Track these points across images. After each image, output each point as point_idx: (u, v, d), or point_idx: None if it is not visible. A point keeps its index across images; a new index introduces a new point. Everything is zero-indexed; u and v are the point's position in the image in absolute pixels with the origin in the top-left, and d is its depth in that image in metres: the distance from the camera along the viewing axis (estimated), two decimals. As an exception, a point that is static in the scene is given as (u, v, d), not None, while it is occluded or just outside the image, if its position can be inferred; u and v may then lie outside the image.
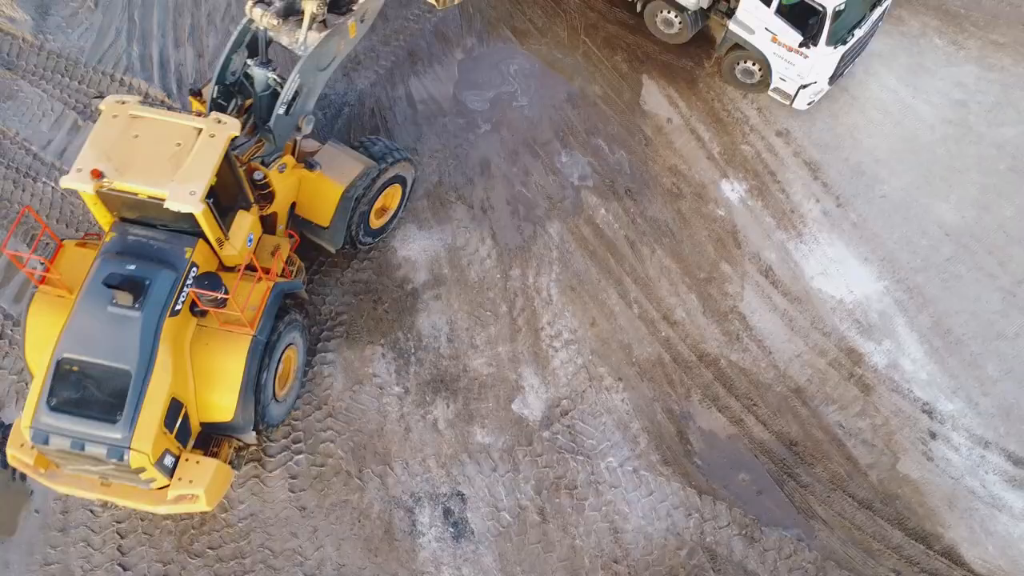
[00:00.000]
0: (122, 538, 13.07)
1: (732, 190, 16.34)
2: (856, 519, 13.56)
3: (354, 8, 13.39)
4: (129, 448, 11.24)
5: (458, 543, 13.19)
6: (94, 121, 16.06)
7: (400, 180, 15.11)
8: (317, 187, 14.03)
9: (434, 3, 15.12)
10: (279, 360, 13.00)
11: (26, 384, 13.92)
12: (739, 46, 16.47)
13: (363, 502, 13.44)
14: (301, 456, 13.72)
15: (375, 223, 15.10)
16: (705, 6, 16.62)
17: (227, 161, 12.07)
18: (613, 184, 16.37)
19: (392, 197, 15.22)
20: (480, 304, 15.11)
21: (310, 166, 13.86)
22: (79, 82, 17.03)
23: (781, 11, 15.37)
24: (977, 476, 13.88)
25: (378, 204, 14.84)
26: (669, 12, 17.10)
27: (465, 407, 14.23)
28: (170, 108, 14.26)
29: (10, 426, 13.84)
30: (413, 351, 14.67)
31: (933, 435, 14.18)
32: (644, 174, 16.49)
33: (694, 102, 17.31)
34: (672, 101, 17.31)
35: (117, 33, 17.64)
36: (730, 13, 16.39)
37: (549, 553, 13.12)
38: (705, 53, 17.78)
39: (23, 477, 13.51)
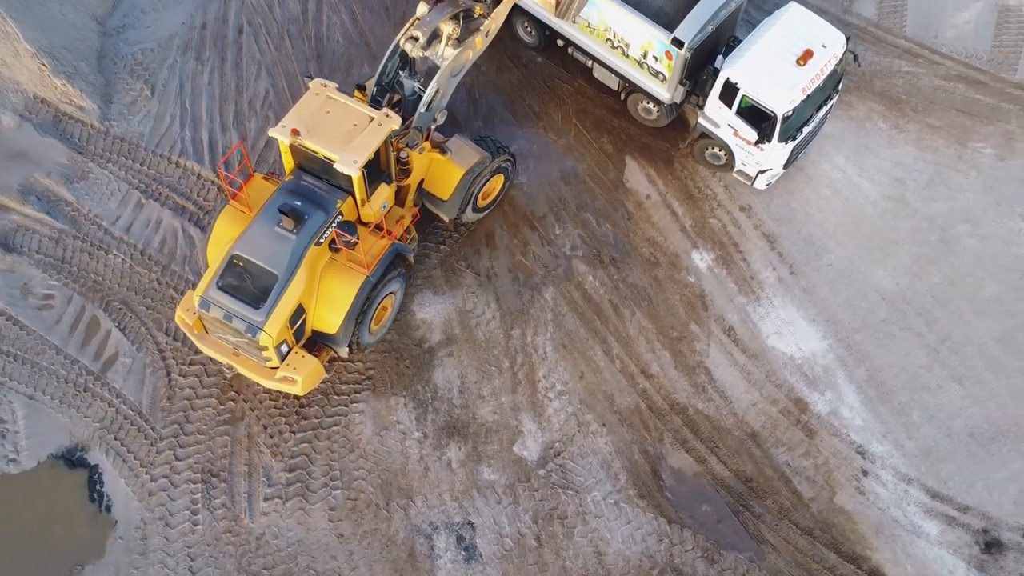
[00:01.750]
0: (192, 560, 15.88)
1: (701, 259, 19.10)
2: (799, 544, 16.34)
3: (480, 28, 17.12)
4: (262, 329, 15.33)
5: (469, 565, 15.97)
6: (153, 201, 18.96)
7: (504, 171, 18.94)
8: (444, 168, 17.86)
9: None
10: (380, 301, 16.82)
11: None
12: (707, 135, 19.24)
13: (390, 530, 16.24)
14: (338, 491, 16.52)
15: (480, 203, 18.88)
16: (678, 101, 19.36)
17: (384, 145, 16.14)
18: (599, 254, 19.13)
19: (496, 184, 18.88)
20: (486, 360, 17.88)
21: (443, 151, 17.71)
22: (140, 164, 19.80)
23: (740, 112, 18.12)
24: (900, 507, 16.66)
25: (486, 188, 18.53)
26: (648, 102, 19.86)
27: (474, 449, 17.01)
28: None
29: (96, 466, 16.70)
30: (430, 401, 17.46)
31: (865, 473, 16.96)
32: (626, 244, 19.25)
33: (670, 180, 20.06)
34: (651, 179, 20.06)
35: (172, 119, 20.40)
36: (701, 105, 19.13)
37: (544, 573, 15.91)
38: (680, 136, 20.49)
39: (108, 509, 16.32)
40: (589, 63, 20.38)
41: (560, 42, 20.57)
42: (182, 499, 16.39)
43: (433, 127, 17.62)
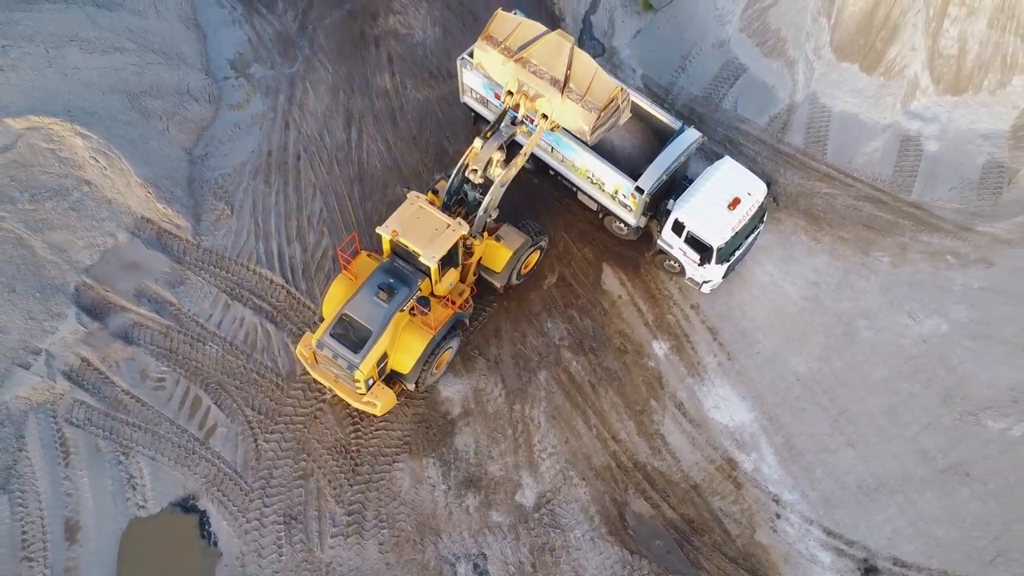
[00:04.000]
0: (279, 583, 21.60)
1: (659, 348, 24.78)
2: (727, 570, 22.00)
3: (519, 152, 23.03)
4: (358, 367, 21.43)
5: (483, 586, 21.72)
6: (237, 302, 24.45)
7: (541, 248, 25.19)
8: (497, 249, 24.17)
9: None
10: (441, 353, 22.98)
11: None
12: (664, 252, 24.93)
13: (424, 560, 21.92)
14: (385, 530, 22.21)
15: (523, 272, 25.17)
16: (642, 225, 25.06)
17: (455, 245, 22.16)
18: (581, 343, 24.82)
19: (534, 257, 25.39)
20: (495, 429, 23.56)
21: (498, 238, 24.07)
22: (226, 271, 25.47)
23: (687, 241, 23.82)
24: (804, 542, 22.32)
25: (527, 260, 24.88)
26: (620, 223, 25.56)
27: (486, 498, 22.69)
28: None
29: (204, 512, 22.37)
30: (452, 461, 23.14)
31: (778, 516, 22.63)
32: (602, 336, 24.93)
33: (637, 283, 25.75)
34: (622, 282, 25.75)
35: (248, 234, 26.07)
36: (660, 230, 24.79)
37: (538, 592, 21.65)
38: (647, 247, 26.14)
39: (215, 544, 21.99)
40: (574, 189, 26.05)
41: (551, 172, 26.25)
42: (270, 536, 22.05)
43: (488, 221, 23.53)
